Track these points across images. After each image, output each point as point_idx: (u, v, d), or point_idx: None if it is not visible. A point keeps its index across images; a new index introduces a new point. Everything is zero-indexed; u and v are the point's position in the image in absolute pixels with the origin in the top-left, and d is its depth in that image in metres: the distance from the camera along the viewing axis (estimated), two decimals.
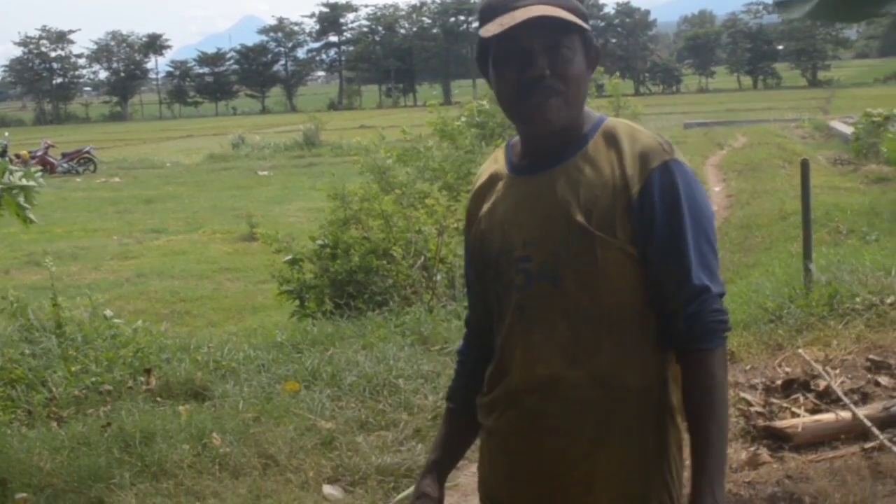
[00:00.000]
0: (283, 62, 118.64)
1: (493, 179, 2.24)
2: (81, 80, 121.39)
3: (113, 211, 23.60)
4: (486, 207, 2.21)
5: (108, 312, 8.02)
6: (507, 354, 2.14)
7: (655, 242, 2.02)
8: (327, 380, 6.69)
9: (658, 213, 2.02)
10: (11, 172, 8.22)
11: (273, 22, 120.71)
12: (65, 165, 34.85)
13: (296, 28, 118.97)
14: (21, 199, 8.13)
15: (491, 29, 2.04)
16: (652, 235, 2.02)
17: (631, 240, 2.03)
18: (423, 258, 9.36)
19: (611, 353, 2.05)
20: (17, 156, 29.17)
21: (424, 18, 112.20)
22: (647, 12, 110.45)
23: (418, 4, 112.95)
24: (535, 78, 2.04)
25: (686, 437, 2.09)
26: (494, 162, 2.28)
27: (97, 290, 12.25)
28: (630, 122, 2.15)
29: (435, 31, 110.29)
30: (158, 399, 6.42)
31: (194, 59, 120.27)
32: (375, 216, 9.59)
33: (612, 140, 2.09)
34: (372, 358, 7.07)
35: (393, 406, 6.26)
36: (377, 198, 9.66)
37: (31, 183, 8.11)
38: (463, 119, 15.30)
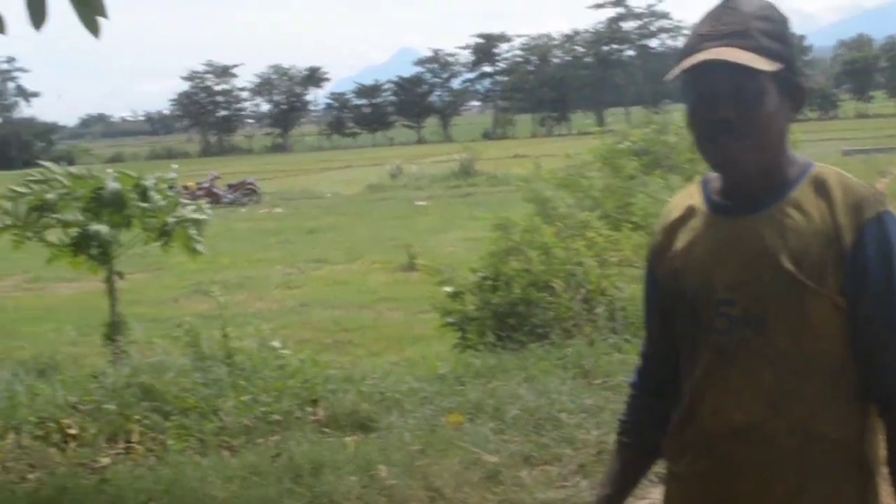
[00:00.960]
0: (438, 93, 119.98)
1: (688, 215, 2.19)
2: (244, 113, 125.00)
3: (276, 241, 24.14)
4: (681, 244, 2.17)
5: (276, 343, 8.18)
6: (699, 398, 2.10)
7: (868, 295, 1.97)
8: (490, 413, 6.69)
9: (872, 265, 1.96)
10: (184, 206, 8.54)
11: (429, 53, 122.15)
12: (229, 196, 35.87)
13: (451, 59, 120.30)
14: (192, 231, 8.43)
15: (674, 71, 2.02)
16: (864, 288, 1.96)
17: (840, 290, 1.97)
18: (583, 290, 9.29)
19: (812, 402, 2.00)
20: (185, 187, 30.12)
21: (577, 47, 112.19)
22: (803, 37, 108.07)
23: (571, 34, 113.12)
24: (719, 121, 1.99)
25: (884, 489, 2.03)
26: (689, 196, 2.23)
27: (262, 319, 12.50)
28: (839, 169, 2.09)
29: (588, 59, 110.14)
30: (325, 430, 6.52)
31: (352, 91, 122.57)
32: (536, 248, 9.56)
33: (822, 188, 2.03)
34: (534, 391, 7.04)
35: (556, 440, 6.22)
36: (538, 229, 9.64)
37: (203, 217, 8.42)
38: (625, 145, 15.15)
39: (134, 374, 7.18)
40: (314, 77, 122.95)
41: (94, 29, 4.39)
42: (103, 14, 4.29)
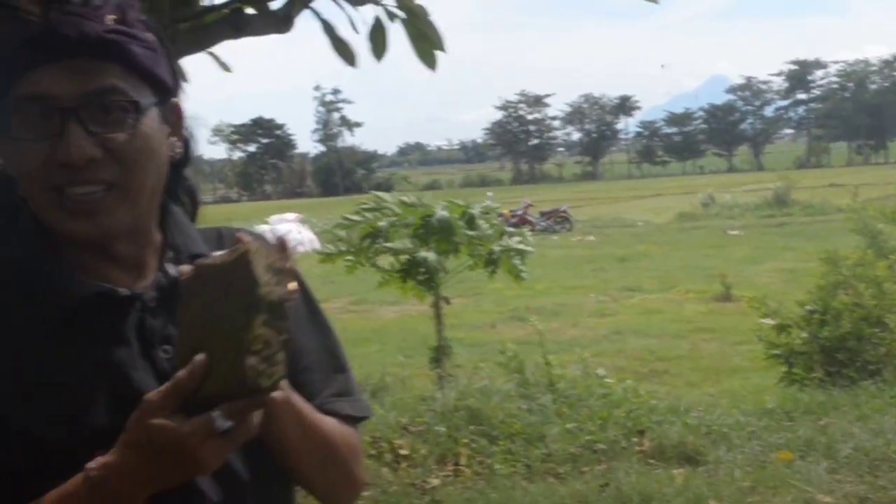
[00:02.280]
0: (750, 120, 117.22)
1: None
2: (555, 142, 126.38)
3: (589, 269, 24.19)
4: None
5: (600, 371, 8.21)
6: None
7: None
8: (822, 451, 6.44)
9: None
10: (510, 235, 8.71)
11: (741, 81, 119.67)
12: (542, 224, 36.28)
13: (763, 87, 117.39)
14: (516, 260, 8.58)
15: None
16: None
17: None
18: None
19: None
20: (500, 214, 30.62)
21: None
22: None
23: (891, 59, 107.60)
24: None
25: None
26: None
27: (577, 346, 12.56)
28: None
29: None
30: (651, 461, 6.46)
31: (662, 119, 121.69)
32: (867, 282, 9.16)
33: None
34: (868, 430, 6.72)
35: (894, 483, 5.91)
36: (870, 263, 9.24)
37: (528, 248, 8.55)
38: None
39: (461, 398, 7.37)
40: (625, 105, 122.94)
41: (431, 63, 4.53)
42: (441, 48, 4.43)
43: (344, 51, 4.32)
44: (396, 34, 4.47)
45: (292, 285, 1.34)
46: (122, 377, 1.44)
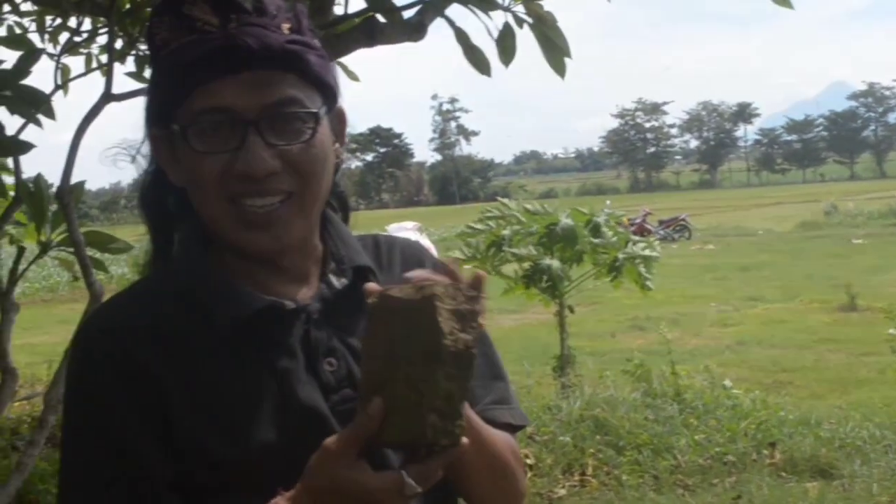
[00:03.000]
0: (872, 128, 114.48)
1: None
2: (673, 150, 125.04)
3: (710, 278, 23.84)
4: None
5: (727, 382, 8.08)
6: None
7: None
8: None
9: None
10: (634, 243, 8.63)
11: (862, 87, 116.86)
12: (661, 232, 35.88)
13: (887, 93, 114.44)
14: (642, 268, 8.50)
15: None
16: None
17: None
18: None
19: None
20: (618, 222, 30.40)
21: None
22: None
23: None
24: None
25: None
26: None
27: (699, 356, 12.39)
28: None
29: None
30: (782, 474, 6.34)
31: (782, 127, 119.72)
32: None
33: None
34: None
35: None
36: None
37: (654, 254, 8.46)
38: None
39: (587, 408, 7.33)
40: (744, 113, 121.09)
41: (561, 70, 4.50)
42: (569, 54, 4.41)
43: (477, 59, 4.31)
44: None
45: (478, 331, 1.28)
46: (289, 390, 1.42)
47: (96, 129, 4.07)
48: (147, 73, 5.12)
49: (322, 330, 1.48)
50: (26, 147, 3.84)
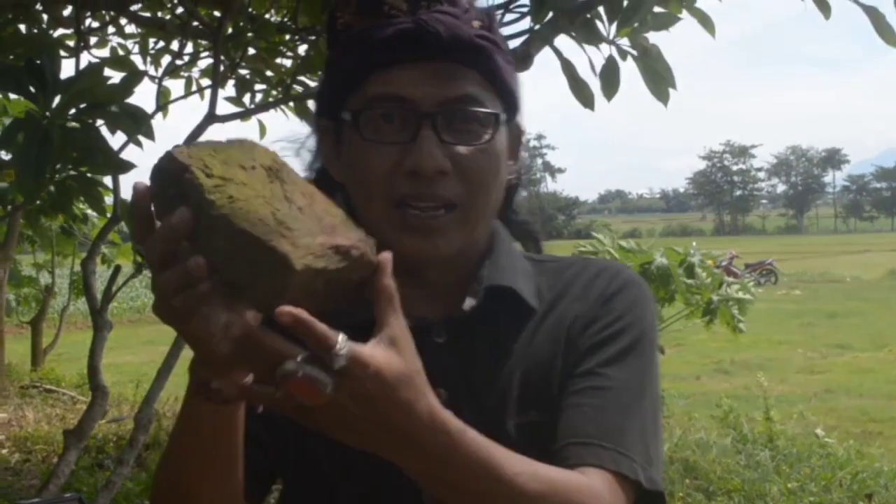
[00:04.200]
0: None
1: None
2: (759, 193, 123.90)
3: (796, 324, 23.45)
4: None
5: (820, 431, 7.89)
6: None
7: None
8: None
9: None
10: (728, 285, 8.48)
11: None
12: (747, 276, 35.43)
13: None
14: (735, 311, 8.35)
15: None
16: None
17: None
18: None
19: None
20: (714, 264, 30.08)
21: None
22: None
23: None
24: None
25: None
26: None
27: (785, 402, 12.14)
28: None
29: None
30: None
31: (871, 174, 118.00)
32: None
33: None
34: None
35: None
36: None
37: (747, 297, 8.31)
38: None
39: (676, 450, 7.19)
40: (833, 158, 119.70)
41: (664, 100, 4.44)
42: (674, 86, 4.33)
43: (583, 92, 4.25)
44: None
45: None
46: None
47: None
48: (246, 98, 5.19)
49: (441, 354, 1.37)
50: (128, 166, 3.84)
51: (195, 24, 4.49)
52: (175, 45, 5.08)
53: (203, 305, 1.02)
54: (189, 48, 5.09)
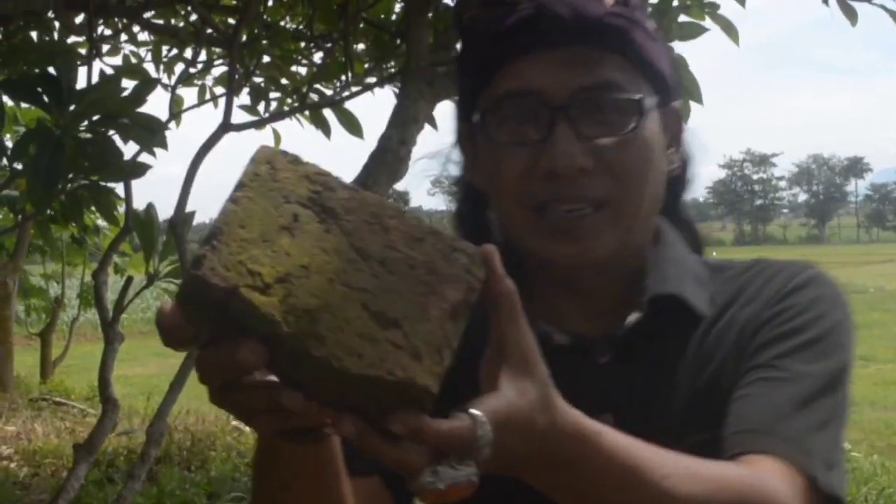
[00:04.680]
0: None
1: None
2: (781, 202, 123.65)
3: None
4: None
5: (846, 445, 7.78)
6: None
7: None
8: None
9: None
10: None
11: None
12: None
13: None
14: None
15: None
16: None
17: None
18: None
19: None
20: None
21: None
22: None
23: None
24: None
25: None
26: None
27: None
28: None
29: None
30: None
31: (894, 182, 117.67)
32: None
33: None
34: None
35: None
36: None
37: None
38: None
39: None
40: (855, 167, 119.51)
41: (686, 114, 4.35)
42: (700, 101, 4.25)
43: None
44: None
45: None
46: None
47: (206, 161, 4.02)
48: (260, 106, 5.13)
49: (605, 376, 1.26)
50: (143, 169, 3.80)
51: (209, 31, 4.44)
52: (188, 53, 5.04)
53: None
54: (202, 56, 5.04)
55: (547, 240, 1.21)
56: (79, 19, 4.47)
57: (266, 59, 4.82)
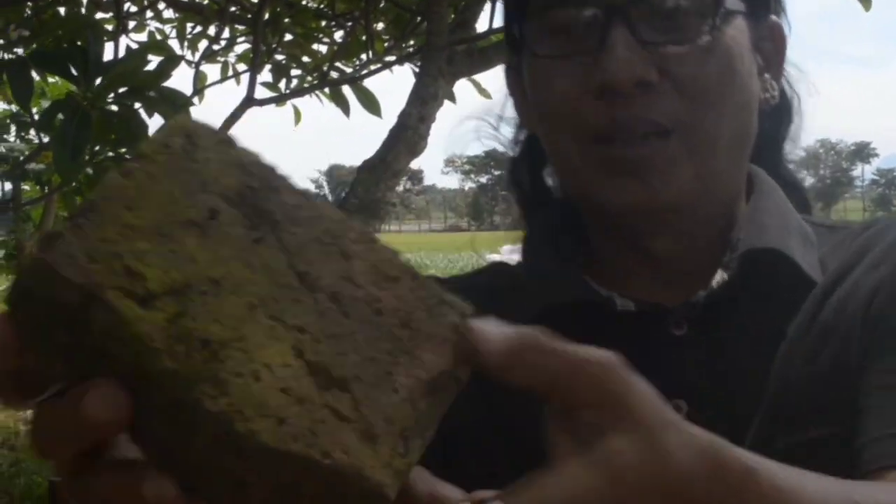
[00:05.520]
0: None
1: None
2: None
3: None
4: None
5: None
6: None
7: None
8: None
9: None
10: None
11: None
12: None
13: None
14: None
15: None
16: None
17: None
18: None
19: None
20: None
21: None
22: None
23: None
24: None
25: None
26: None
27: None
28: None
29: None
30: None
31: None
32: None
33: None
34: None
35: None
36: None
37: None
38: None
39: None
40: (862, 152, 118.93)
41: None
42: None
43: None
44: None
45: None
46: None
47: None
48: (281, 83, 5.19)
49: (682, 351, 0.96)
50: None
51: (232, 9, 4.51)
52: (212, 30, 5.10)
53: None
54: (226, 33, 5.10)
55: (604, 178, 0.95)
56: None
57: (288, 36, 4.87)
